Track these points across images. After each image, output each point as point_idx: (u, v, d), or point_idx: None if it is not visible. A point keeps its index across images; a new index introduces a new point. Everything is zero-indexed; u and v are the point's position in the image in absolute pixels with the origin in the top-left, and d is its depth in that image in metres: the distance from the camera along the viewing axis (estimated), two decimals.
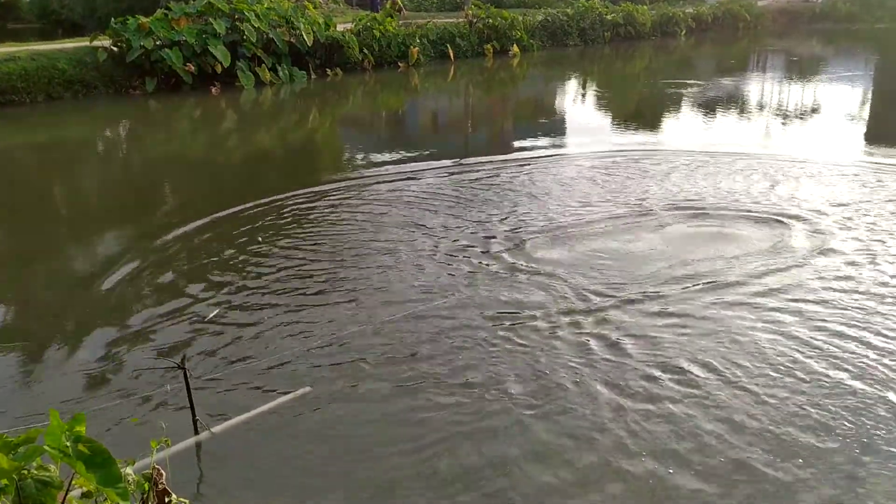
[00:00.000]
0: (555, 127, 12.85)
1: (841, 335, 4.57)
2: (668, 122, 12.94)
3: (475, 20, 23.10)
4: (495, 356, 4.40)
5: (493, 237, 6.46)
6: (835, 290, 5.23)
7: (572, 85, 18.68)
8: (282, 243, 6.47)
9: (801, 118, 13.12)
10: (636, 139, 11.07)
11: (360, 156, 10.55)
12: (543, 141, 11.18)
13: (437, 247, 6.24)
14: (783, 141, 11.27)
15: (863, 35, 29.53)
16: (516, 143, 11.14)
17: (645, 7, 29.43)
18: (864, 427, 3.65)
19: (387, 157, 10.05)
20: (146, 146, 12.06)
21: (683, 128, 12.29)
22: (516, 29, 23.59)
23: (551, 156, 9.96)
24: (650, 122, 12.98)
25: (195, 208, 7.75)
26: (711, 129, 12.17)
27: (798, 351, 4.38)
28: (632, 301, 5.10)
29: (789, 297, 5.13)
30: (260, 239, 6.61)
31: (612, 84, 18.89)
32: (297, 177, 9.29)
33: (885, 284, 5.32)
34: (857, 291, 5.20)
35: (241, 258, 6.16)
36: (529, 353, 4.41)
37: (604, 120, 13.68)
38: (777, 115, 13.44)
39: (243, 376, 4.23)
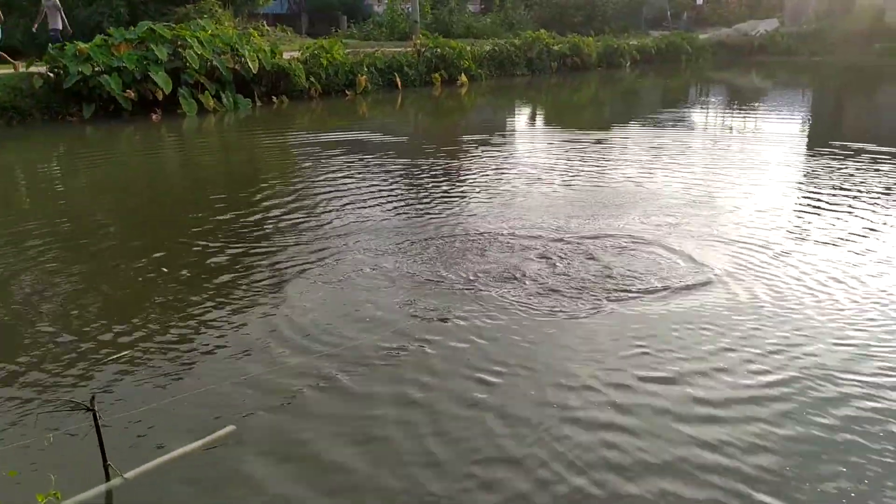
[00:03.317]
0: None
1: None
2: None
3: (423, 49, 23.26)
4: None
5: None
6: None
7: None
8: (197, 275, 6.16)
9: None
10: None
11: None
12: None
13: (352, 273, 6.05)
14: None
15: (800, 67, 30.57)
16: None
17: (591, 39, 30.10)
18: None
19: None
20: (66, 173, 11.65)
21: None
22: (464, 59, 23.84)
23: None
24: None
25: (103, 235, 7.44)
26: None
27: None
28: None
29: None
30: (165, 269, 6.28)
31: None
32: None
33: None
34: None
35: (152, 287, 5.84)
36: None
37: None
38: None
39: (160, 415, 3.91)
